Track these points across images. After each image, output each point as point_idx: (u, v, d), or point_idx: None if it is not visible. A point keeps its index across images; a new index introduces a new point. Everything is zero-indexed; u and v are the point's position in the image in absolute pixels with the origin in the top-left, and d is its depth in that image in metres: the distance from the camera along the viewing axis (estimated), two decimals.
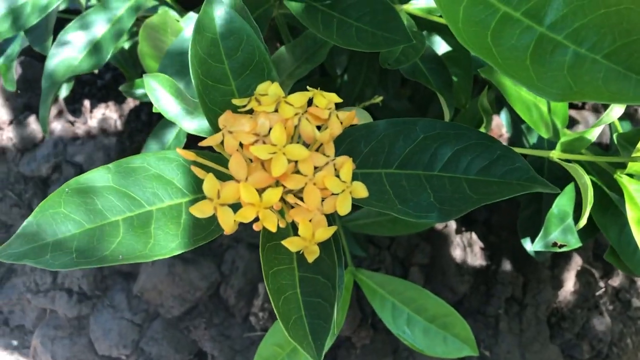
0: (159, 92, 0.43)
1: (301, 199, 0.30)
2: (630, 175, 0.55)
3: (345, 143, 0.36)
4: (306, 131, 0.31)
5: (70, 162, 0.85)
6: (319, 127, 0.32)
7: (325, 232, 0.30)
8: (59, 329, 0.81)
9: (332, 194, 0.30)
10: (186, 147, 0.77)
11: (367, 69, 0.75)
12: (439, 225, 0.88)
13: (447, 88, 0.56)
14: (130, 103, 0.92)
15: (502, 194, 0.32)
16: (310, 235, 0.30)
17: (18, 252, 0.29)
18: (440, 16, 0.56)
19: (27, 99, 0.90)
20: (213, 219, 0.34)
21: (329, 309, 0.31)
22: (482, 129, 0.61)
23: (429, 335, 0.67)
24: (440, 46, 0.60)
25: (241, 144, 0.30)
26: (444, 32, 0.59)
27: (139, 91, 0.69)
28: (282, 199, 0.30)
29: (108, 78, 0.93)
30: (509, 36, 0.31)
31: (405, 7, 0.55)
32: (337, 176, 0.31)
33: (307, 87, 0.33)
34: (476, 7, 0.32)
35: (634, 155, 0.52)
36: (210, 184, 0.29)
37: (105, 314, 0.79)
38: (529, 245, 0.74)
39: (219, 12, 0.32)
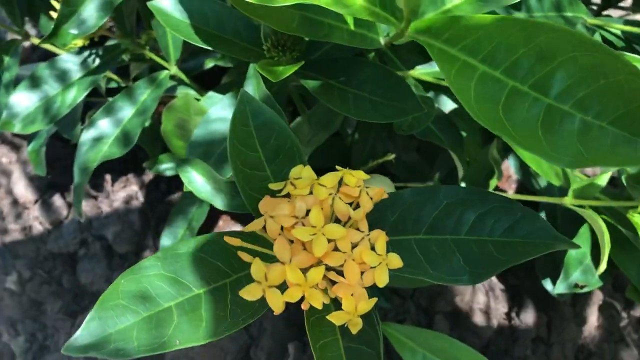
0: (192, 175, 0.46)
1: (341, 274, 0.32)
2: None
3: (373, 212, 0.38)
4: (341, 210, 0.33)
5: (96, 237, 0.88)
6: (349, 204, 0.35)
7: (366, 305, 0.32)
8: None
9: (370, 267, 0.32)
10: (208, 217, 0.80)
11: (377, 126, 0.78)
12: None
13: (458, 145, 0.59)
14: (150, 174, 0.96)
15: (528, 254, 0.35)
16: (353, 309, 0.32)
17: (84, 346, 0.31)
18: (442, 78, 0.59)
19: (51, 178, 0.93)
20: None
21: None
22: (495, 179, 0.63)
23: None
24: (447, 104, 0.63)
25: (282, 227, 0.33)
26: (449, 91, 0.62)
27: (162, 166, 0.72)
28: (324, 276, 0.32)
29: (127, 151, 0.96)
30: (520, 109, 0.33)
31: (411, 72, 0.58)
32: (373, 249, 0.33)
33: (336, 167, 0.36)
34: (486, 84, 0.35)
35: None
36: (257, 268, 0.31)
37: None
38: (550, 286, 0.76)
39: (252, 107, 0.35)
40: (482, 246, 0.36)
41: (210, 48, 0.47)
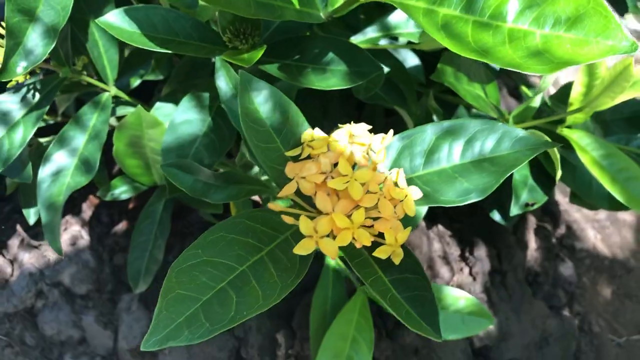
0: (181, 175, 0.47)
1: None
2: (569, 127, 0.65)
3: None
4: (360, 157, 0.37)
5: (52, 285, 0.84)
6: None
7: (404, 234, 0.36)
8: None
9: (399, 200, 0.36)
10: (174, 221, 0.80)
11: (311, 109, 0.81)
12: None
13: (402, 102, 0.63)
14: (88, 211, 0.93)
15: (519, 160, 0.39)
16: (394, 240, 0.35)
17: (160, 338, 0.32)
18: (376, 44, 0.63)
19: None
20: (295, 260, 0.38)
21: (428, 295, 0.36)
22: None
23: (448, 322, 0.73)
24: None
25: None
26: (381, 56, 0.67)
27: (117, 190, 0.71)
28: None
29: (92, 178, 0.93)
30: (486, 37, 0.38)
31: None
32: (396, 185, 0.36)
33: (338, 124, 0.39)
34: (450, 23, 0.39)
35: (569, 110, 0.62)
36: (306, 224, 0.34)
37: None
38: (497, 217, 0.83)
39: (252, 86, 0.37)
40: (477, 165, 0.40)
41: (168, 51, 0.48)
